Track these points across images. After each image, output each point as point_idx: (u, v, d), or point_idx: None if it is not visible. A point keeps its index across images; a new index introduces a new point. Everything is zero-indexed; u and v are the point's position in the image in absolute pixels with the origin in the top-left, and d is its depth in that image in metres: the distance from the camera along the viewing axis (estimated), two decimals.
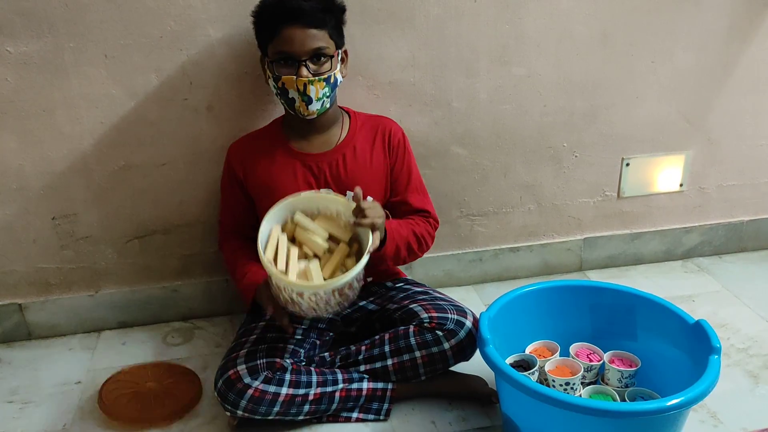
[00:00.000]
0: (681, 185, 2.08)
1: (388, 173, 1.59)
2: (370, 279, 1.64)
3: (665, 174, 2.05)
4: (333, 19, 1.45)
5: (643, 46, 1.85)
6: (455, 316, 1.49)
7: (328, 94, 1.46)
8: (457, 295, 1.96)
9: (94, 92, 1.60)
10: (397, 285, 1.69)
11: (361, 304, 1.64)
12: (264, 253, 1.31)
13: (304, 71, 1.41)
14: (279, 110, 1.69)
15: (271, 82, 1.47)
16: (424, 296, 1.59)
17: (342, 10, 1.49)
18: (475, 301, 1.96)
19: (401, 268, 1.78)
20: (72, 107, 1.61)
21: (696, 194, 2.12)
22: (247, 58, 1.63)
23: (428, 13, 1.68)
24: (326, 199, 1.42)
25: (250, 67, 1.64)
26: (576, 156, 1.96)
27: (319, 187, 1.53)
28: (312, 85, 1.42)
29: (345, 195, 1.51)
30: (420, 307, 1.52)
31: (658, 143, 2.01)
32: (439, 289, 1.81)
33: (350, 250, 1.40)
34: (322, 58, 1.43)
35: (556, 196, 2.01)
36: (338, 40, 1.48)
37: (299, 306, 1.32)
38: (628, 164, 2.01)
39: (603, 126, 1.94)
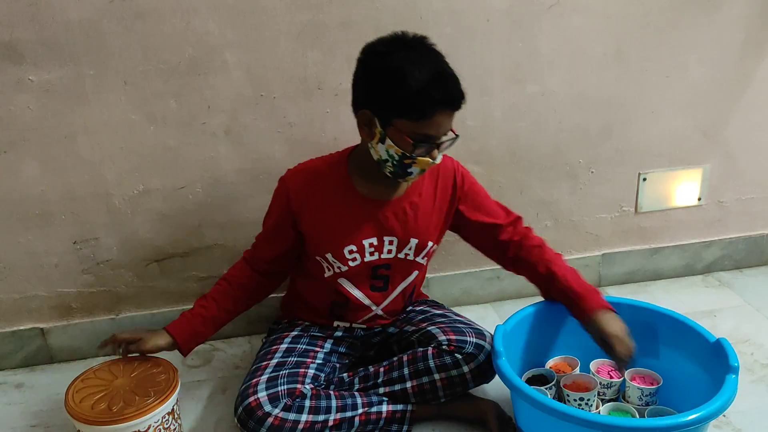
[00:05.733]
0: (699, 199, 2.07)
1: (449, 215, 1.53)
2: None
3: (683, 188, 2.04)
4: None
5: (658, 61, 1.85)
6: (474, 339, 1.48)
7: None
8: (476, 313, 1.96)
9: (114, 118, 1.63)
10: (417, 308, 1.67)
11: (383, 327, 1.63)
12: None
13: (437, 154, 1.33)
14: (299, 133, 1.71)
15: (386, 150, 1.31)
16: (443, 319, 1.58)
17: None
18: (493, 319, 1.95)
19: (423, 289, 1.77)
20: (93, 133, 1.64)
21: (715, 208, 2.10)
22: (263, 82, 1.66)
23: (441, 33, 1.69)
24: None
25: (266, 90, 1.66)
26: (592, 172, 1.96)
27: (381, 236, 1.45)
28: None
29: (408, 242, 1.47)
30: (438, 329, 1.52)
31: (675, 158, 2.00)
32: (456, 308, 1.81)
33: None
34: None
35: (573, 212, 2.00)
36: None
37: None
38: (645, 179, 2.00)
39: (619, 141, 1.93)
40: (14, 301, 1.77)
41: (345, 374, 1.54)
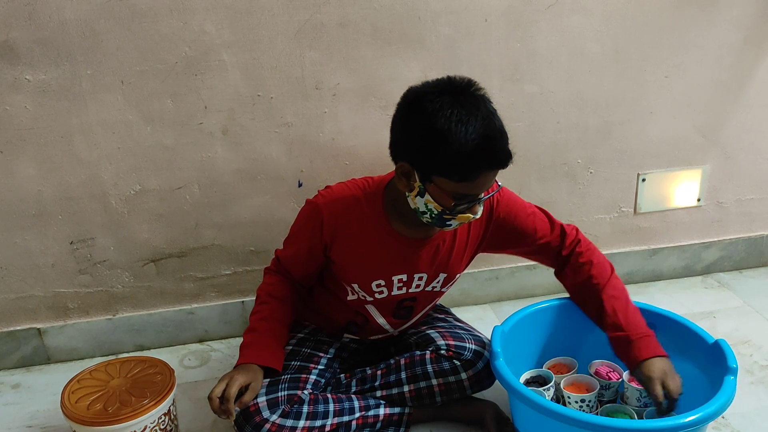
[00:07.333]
0: (699, 200, 2.06)
1: (480, 245, 1.48)
2: None
3: (682, 189, 2.04)
4: None
5: (657, 61, 1.85)
6: (473, 346, 1.47)
7: None
8: (474, 314, 1.96)
9: (111, 118, 1.63)
10: None
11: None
12: None
13: (478, 209, 1.27)
14: (296, 133, 1.71)
15: (425, 203, 1.24)
16: (443, 323, 1.58)
17: None
18: (491, 319, 1.95)
19: None
20: (89, 133, 1.63)
21: (714, 209, 2.09)
22: (260, 82, 1.65)
23: (439, 33, 1.69)
24: None
25: (263, 90, 1.66)
26: (591, 172, 1.95)
27: (411, 273, 1.42)
28: None
29: (437, 277, 1.45)
30: (437, 334, 1.51)
31: (674, 158, 1.99)
32: (455, 309, 1.80)
33: None
34: None
35: (571, 212, 1.99)
36: None
37: None
38: (644, 179, 1.99)
39: (618, 142, 1.93)
40: (11, 301, 1.77)
41: (342, 375, 1.54)
